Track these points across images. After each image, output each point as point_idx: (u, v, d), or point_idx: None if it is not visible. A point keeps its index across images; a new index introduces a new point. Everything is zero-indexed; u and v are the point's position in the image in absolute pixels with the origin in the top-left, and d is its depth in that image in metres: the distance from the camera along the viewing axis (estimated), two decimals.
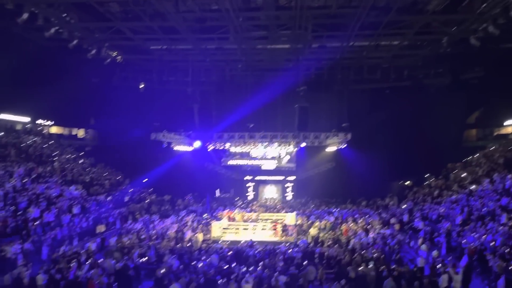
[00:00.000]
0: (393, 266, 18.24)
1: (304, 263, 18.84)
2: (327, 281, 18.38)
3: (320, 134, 32.35)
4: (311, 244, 23.85)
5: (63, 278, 16.76)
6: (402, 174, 39.18)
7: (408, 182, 39.11)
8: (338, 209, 35.16)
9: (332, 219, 29.99)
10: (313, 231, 26.41)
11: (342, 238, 25.04)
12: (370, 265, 17.58)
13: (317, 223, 28.40)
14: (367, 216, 31.18)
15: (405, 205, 31.42)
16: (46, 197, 26.60)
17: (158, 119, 31.84)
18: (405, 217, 28.25)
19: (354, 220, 29.54)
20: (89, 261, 19.33)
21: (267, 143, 33.54)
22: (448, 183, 31.47)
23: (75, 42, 27.69)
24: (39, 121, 41.82)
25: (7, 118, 37.75)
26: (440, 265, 17.82)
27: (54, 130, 44.87)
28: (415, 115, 36.83)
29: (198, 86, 35.49)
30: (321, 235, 25.73)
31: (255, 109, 34.47)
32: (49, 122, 43.06)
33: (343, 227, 27.32)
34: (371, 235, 24.59)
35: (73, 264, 18.37)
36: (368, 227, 27.06)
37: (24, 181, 27.36)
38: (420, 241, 22.79)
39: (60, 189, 29.22)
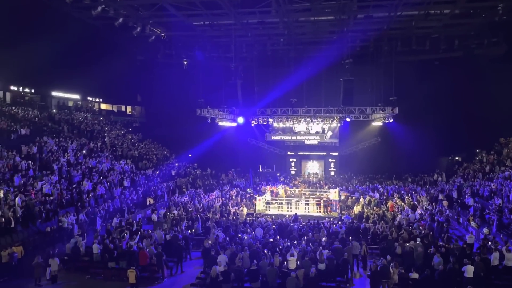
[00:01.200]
0: (441, 243, 17.78)
1: (349, 238, 18.77)
2: (372, 257, 18.26)
3: (365, 108, 31.50)
4: (356, 220, 23.67)
5: (116, 248, 17.72)
6: (451, 149, 37.67)
7: (457, 157, 37.54)
8: (384, 185, 34.48)
9: (377, 195, 29.52)
10: (356, 208, 26.13)
11: (388, 214, 24.63)
12: (417, 242, 17.21)
13: (361, 199, 28.07)
14: (414, 192, 30.38)
15: (454, 181, 30.28)
16: (98, 171, 28.00)
17: (202, 95, 32.22)
18: (454, 194, 27.28)
19: (400, 197, 28.90)
20: (140, 231, 20.26)
21: (310, 118, 33.15)
22: (500, 159, 29.92)
23: (120, 20, 28.29)
24: (89, 98, 43.70)
25: (59, 95, 39.71)
26: (491, 242, 17.16)
27: (104, 107, 46.79)
28: (466, 88, 34.90)
29: (241, 62, 35.39)
30: (365, 211, 25.44)
31: (298, 84, 33.98)
32: (98, 99, 44.89)
33: (389, 203, 26.84)
34: (418, 211, 23.99)
35: (125, 234, 19.38)
36: (415, 203, 26.40)
37: (77, 155, 28.89)
38: (470, 218, 21.99)
39: (110, 163, 30.62)
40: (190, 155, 40.87)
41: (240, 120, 32.64)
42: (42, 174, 23.88)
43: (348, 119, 33.32)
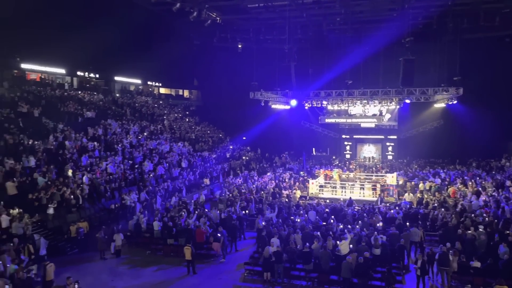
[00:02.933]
0: (508, 231, 16.66)
1: (406, 224, 18.18)
2: (431, 244, 17.58)
3: (427, 89, 29.84)
4: (414, 206, 22.84)
5: (175, 225, 18.55)
6: None
7: None
8: (445, 170, 32.79)
9: (438, 181, 28.12)
10: (408, 196, 25.12)
11: (449, 200, 23.46)
12: (480, 229, 16.27)
13: (421, 185, 26.96)
14: (478, 178, 28.59)
15: None
16: (158, 152, 29.27)
17: (256, 78, 32.28)
18: None
19: (463, 182, 27.32)
20: (197, 211, 21.02)
21: (366, 100, 32.08)
22: None
23: (178, 5, 28.82)
24: (149, 83, 45.49)
25: (122, 80, 41.70)
26: None
27: (163, 91, 48.54)
28: None
29: (295, 44, 34.82)
30: (425, 196, 24.41)
31: (354, 64, 32.87)
32: (158, 84, 46.61)
33: (451, 189, 25.51)
34: (482, 198, 22.58)
35: (183, 213, 20.21)
36: (479, 189, 24.86)
37: (138, 137, 30.35)
38: None
39: (169, 145, 31.85)
40: (244, 138, 41.42)
41: (293, 102, 32.40)
42: (107, 154, 25.41)
43: (408, 101, 31.88)
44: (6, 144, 20.45)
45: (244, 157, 37.70)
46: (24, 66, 31.26)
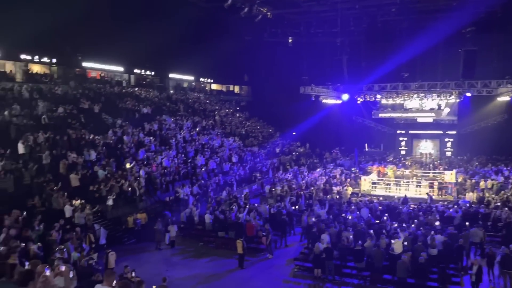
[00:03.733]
0: None
1: (465, 224, 17.23)
2: (492, 245, 16.52)
3: (490, 82, 28.03)
4: (474, 204, 21.56)
5: (226, 219, 18.88)
6: None
7: None
8: (509, 167, 30.62)
9: (500, 178, 26.35)
10: (468, 195, 23.72)
11: None
12: None
13: (482, 183, 25.39)
14: None
15: None
16: (209, 147, 29.89)
17: (306, 73, 31.96)
18: None
19: None
20: (247, 205, 21.23)
21: (424, 94, 30.66)
22: None
23: (229, 1, 29.18)
24: (202, 79, 46.49)
25: (176, 77, 42.95)
26: None
27: (214, 87, 49.44)
28: None
29: (347, 36, 34.05)
30: (487, 195, 22.98)
31: (410, 57, 31.54)
32: (210, 80, 47.53)
33: None
34: None
35: (234, 207, 20.51)
36: None
37: (191, 132, 31.16)
38: None
39: (220, 140, 32.42)
40: (294, 133, 41.19)
41: (345, 97, 31.66)
42: (162, 149, 26.34)
43: (468, 94, 30.03)
44: (69, 138, 21.77)
45: (294, 153, 37.53)
46: (85, 64, 33.07)
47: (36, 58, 29.12)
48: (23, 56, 28.32)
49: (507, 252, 13.24)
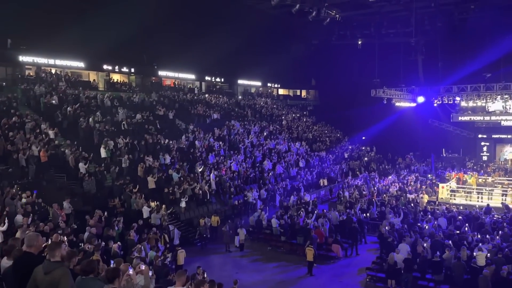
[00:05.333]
0: None
1: None
2: None
3: None
4: None
5: (294, 224, 18.73)
6: None
7: None
8: None
9: None
10: None
11: None
12: None
13: None
14: None
15: None
16: (276, 152, 29.97)
17: (378, 75, 30.84)
18: None
19: None
20: (316, 211, 20.90)
21: (508, 95, 28.16)
22: None
23: (297, 6, 29.17)
24: (269, 85, 46.92)
25: (244, 83, 43.78)
26: None
27: (281, 92, 49.63)
28: None
29: (422, 36, 32.39)
30: None
31: (493, 56, 29.18)
32: (276, 85, 47.83)
33: None
34: None
35: (302, 212, 20.29)
36: None
37: (259, 137, 31.48)
38: None
39: (287, 145, 32.37)
40: (363, 138, 39.93)
41: (421, 99, 30.11)
42: (231, 153, 26.91)
43: None
44: (146, 143, 23.04)
45: (364, 158, 36.37)
46: (160, 73, 34.92)
47: (117, 68, 31.29)
48: (105, 67, 30.60)
49: None
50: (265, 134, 32.96)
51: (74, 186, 17.96)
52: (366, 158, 36.42)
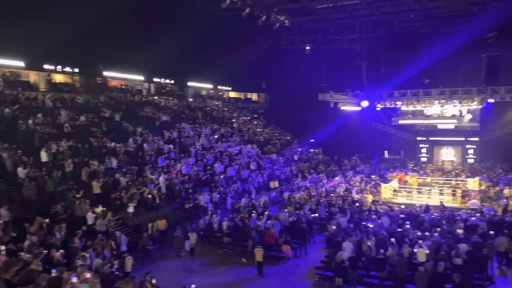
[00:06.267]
0: None
1: (490, 233, 16.79)
2: None
3: None
4: (498, 212, 20.99)
5: (245, 226, 18.83)
6: None
7: None
8: None
9: None
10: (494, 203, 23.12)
11: None
12: None
13: (506, 190, 24.73)
14: None
15: None
16: (228, 155, 29.98)
17: (325, 79, 31.84)
18: None
19: None
20: (266, 212, 21.15)
21: (445, 100, 30.20)
22: None
23: (247, 10, 29.42)
24: (220, 87, 46.83)
25: (194, 85, 43.37)
26: None
27: (232, 94, 49.72)
28: None
29: (366, 43, 33.83)
30: (511, 203, 22.37)
31: (430, 63, 31.16)
32: (228, 88, 47.85)
33: None
34: None
35: (253, 214, 20.46)
36: None
37: (210, 140, 31.33)
38: None
39: (239, 147, 32.49)
40: (312, 140, 41.00)
41: (365, 103, 31.42)
42: (181, 156, 26.55)
43: (491, 100, 29.48)
44: (90, 146, 22.15)
45: (312, 160, 37.31)
46: (106, 73, 33.69)
47: (59, 68, 29.83)
48: (46, 66, 29.04)
49: None
50: (216, 136, 32.85)
51: (13, 192, 16.89)
52: (314, 160, 37.39)
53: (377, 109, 35.25)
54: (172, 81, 40.47)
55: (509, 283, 14.12)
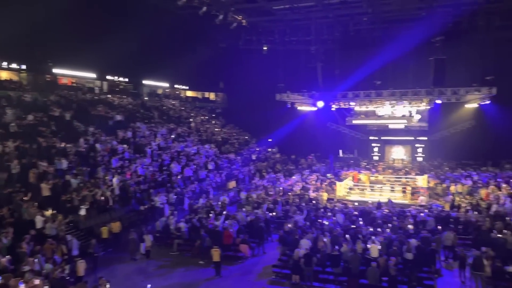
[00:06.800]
0: None
1: (438, 228, 17.70)
2: (464, 248, 17.00)
3: (458, 89, 29.04)
4: (445, 208, 22.18)
5: (203, 227, 18.67)
6: None
7: None
8: (478, 172, 31.72)
9: (469, 182, 27.27)
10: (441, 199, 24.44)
11: (482, 203, 22.64)
12: None
13: (452, 187, 26.18)
14: None
15: None
16: (185, 154, 29.58)
17: (282, 80, 32.20)
18: None
19: (497, 185, 26.33)
20: (224, 212, 21.08)
21: (395, 101, 31.47)
22: None
23: (204, 9, 29.17)
24: (176, 86, 46.11)
25: (150, 84, 42.41)
26: None
27: (190, 94, 49.11)
28: None
29: (321, 45, 34.66)
30: (457, 199, 23.69)
31: (382, 65, 32.36)
32: (185, 87, 47.20)
33: (483, 191, 24.64)
34: None
35: (211, 214, 20.32)
36: None
37: (166, 140, 30.77)
38: None
39: (196, 147, 32.15)
40: (270, 140, 41.35)
41: (320, 104, 32.11)
42: (136, 157, 25.86)
43: (438, 101, 31.07)
44: (39, 147, 21.10)
45: (270, 159, 37.62)
46: (56, 71, 32.19)
47: (4, 64, 28.19)
48: None
49: (477, 255, 13.64)
50: (173, 136, 32.31)
51: None
52: (272, 160, 37.72)
53: (332, 109, 36.16)
54: (127, 79, 39.35)
55: (456, 275, 14.91)
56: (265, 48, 40.10)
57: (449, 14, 31.26)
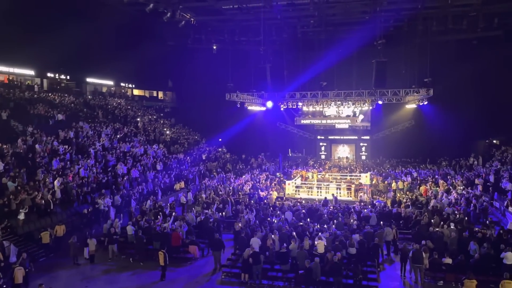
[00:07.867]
0: (477, 228, 17.30)
1: (380, 223, 18.58)
2: (404, 242, 17.97)
3: (399, 91, 30.67)
4: (387, 204, 23.33)
5: (150, 229, 18.23)
6: (489, 132, 36.20)
7: (495, 140, 36.06)
8: (417, 169, 33.69)
9: (409, 179, 28.91)
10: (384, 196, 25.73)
11: (421, 199, 24.10)
12: (451, 226, 16.80)
13: (393, 184, 27.58)
14: (449, 176, 29.51)
15: (492, 165, 29.16)
16: (132, 155, 28.74)
17: (232, 79, 32.25)
18: (491, 178, 26.25)
19: (434, 181, 28.14)
20: (173, 214, 20.73)
21: (340, 101, 32.61)
22: None
23: (151, 5, 28.44)
24: (122, 84, 44.69)
25: (94, 82, 40.78)
26: None
27: (136, 92, 47.78)
28: (506, 68, 33.18)
29: (270, 45, 35.05)
30: (398, 195, 25.00)
31: (328, 66, 33.41)
32: (131, 85, 45.85)
33: (422, 187, 26.23)
34: (452, 196, 23.33)
35: (159, 216, 19.91)
36: (449, 187, 25.66)
37: (112, 140, 29.72)
38: (507, 203, 21.16)
39: (143, 147, 31.34)
40: (220, 140, 41.28)
41: (269, 104, 32.56)
42: (79, 158, 24.75)
43: (380, 102, 32.64)
44: None
45: (220, 159, 37.54)
46: None
47: None
48: None
49: (416, 248, 14.48)
50: (118, 136, 31.26)
51: None
52: (222, 160, 37.66)
53: (281, 109, 36.79)
54: (69, 77, 37.57)
55: (397, 268, 15.69)
56: (214, 47, 39.92)
57: (391, 18, 32.87)
